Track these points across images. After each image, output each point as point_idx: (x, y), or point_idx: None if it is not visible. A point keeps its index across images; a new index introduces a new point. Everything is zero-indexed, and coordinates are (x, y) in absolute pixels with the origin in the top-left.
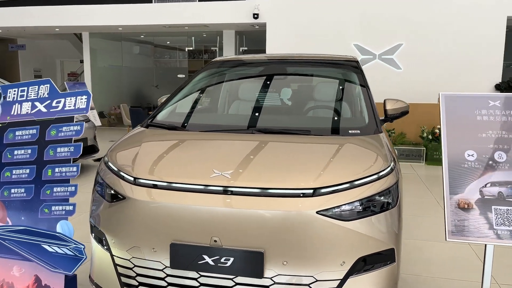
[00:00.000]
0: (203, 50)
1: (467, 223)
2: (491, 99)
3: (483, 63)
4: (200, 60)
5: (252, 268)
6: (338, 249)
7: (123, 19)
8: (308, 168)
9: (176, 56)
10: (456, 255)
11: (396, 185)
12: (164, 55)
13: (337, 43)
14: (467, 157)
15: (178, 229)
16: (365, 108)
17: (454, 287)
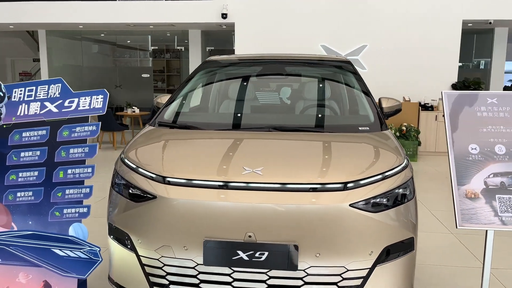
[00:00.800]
0: (167, 49)
1: (474, 211)
2: (489, 96)
3: (441, 64)
4: (163, 59)
5: (286, 261)
6: (367, 240)
7: (84, 17)
8: (336, 163)
9: (140, 55)
10: (444, 243)
11: (412, 179)
12: (127, 55)
13: (305, 43)
14: (471, 151)
15: (211, 226)
16: (369, 107)
17: (454, 273)
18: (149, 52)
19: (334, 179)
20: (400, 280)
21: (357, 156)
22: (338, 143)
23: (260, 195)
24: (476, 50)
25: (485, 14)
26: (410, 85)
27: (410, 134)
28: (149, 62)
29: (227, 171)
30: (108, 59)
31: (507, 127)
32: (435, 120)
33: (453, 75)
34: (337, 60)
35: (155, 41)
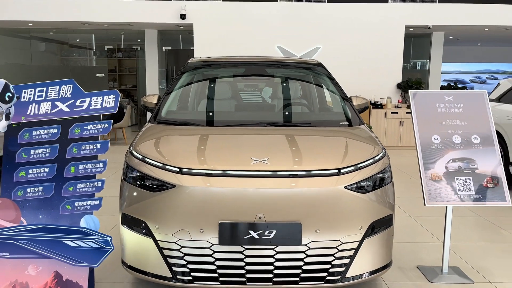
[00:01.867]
0: (119, 48)
1: (438, 191)
2: (446, 95)
3: (387, 65)
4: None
5: (291, 238)
6: (357, 216)
7: (35, 14)
8: (329, 153)
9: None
10: (404, 224)
11: (389, 165)
12: (80, 54)
13: (263, 44)
14: (434, 141)
15: (225, 210)
16: (345, 104)
17: (416, 248)
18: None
19: (330, 165)
20: (383, 250)
21: (345, 146)
22: (326, 136)
23: (268, 181)
24: (414, 52)
25: (425, 20)
26: (361, 85)
27: None
28: (104, 61)
29: (237, 161)
30: (60, 58)
31: (461, 120)
32: (384, 117)
33: (398, 75)
34: (311, 63)
35: (107, 40)
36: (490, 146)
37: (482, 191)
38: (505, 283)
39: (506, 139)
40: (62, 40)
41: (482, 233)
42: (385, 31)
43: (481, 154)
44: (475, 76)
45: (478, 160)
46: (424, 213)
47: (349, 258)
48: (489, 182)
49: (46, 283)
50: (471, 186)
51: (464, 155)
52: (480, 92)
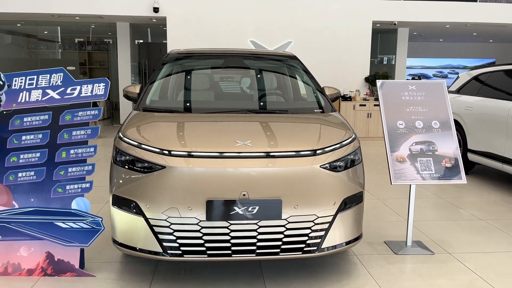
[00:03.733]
0: (89, 41)
1: (403, 171)
2: (409, 84)
3: (356, 60)
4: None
5: (273, 213)
6: (331, 193)
7: (2, 6)
8: (305, 136)
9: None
10: (373, 206)
11: (359, 148)
12: (48, 47)
13: (235, 38)
14: (398, 126)
15: (212, 188)
16: (318, 93)
17: (384, 226)
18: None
19: (306, 147)
20: (354, 224)
21: (319, 130)
22: (302, 121)
23: (251, 162)
24: (381, 47)
25: (391, 16)
26: (331, 78)
27: None
28: (75, 54)
29: (222, 144)
30: (25, 50)
31: (423, 107)
32: (353, 109)
33: (366, 69)
34: (285, 55)
35: (76, 32)
36: (448, 130)
37: (441, 170)
38: (461, 254)
39: (464, 127)
40: (30, 33)
41: (442, 212)
42: (354, 26)
43: (440, 138)
44: (437, 71)
45: (438, 143)
46: (390, 195)
47: (324, 231)
48: (447, 162)
49: (38, 263)
50: (432, 166)
51: (426, 139)
52: (439, 82)
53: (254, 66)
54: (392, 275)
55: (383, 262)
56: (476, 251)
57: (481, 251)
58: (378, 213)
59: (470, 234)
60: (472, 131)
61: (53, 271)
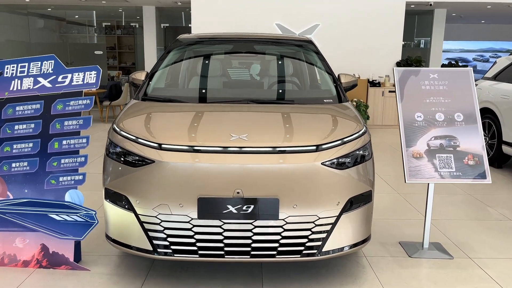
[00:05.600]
0: (118, 26)
1: (419, 168)
2: (431, 72)
3: (387, 43)
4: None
5: (269, 212)
6: (335, 192)
7: None
8: (308, 129)
9: (92, 31)
10: (392, 201)
11: (370, 142)
12: (78, 31)
13: (261, 22)
14: (416, 118)
15: (204, 185)
16: (330, 81)
17: (400, 224)
18: (94, 28)
19: (308, 142)
20: (361, 225)
21: (326, 123)
22: (308, 112)
23: (246, 157)
24: (417, 30)
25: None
26: (360, 63)
27: (359, 109)
28: (103, 38)
29: (216, 138)
30: (58, 35)
31: (445, 98)
32: (382, 96)
33: (397, 54)
34: (301, 40)
35: (106, 17)
36: (473, 124)
37: (463, 168)
38: (484, 259)
39: (500, 118)
40: (61, 17)
41: (467, 210)
42: (385, 8)
43: (463, 132)
44: (478, 55)
45: (460, 138)
46: (412, 190)
47: (326, 233)
48: (470, 160)
49: (34, 255)
50: (452, 163)
51: (447, 133)
52: (465, 70)
53: (264, 51)
54: (402, 281)
55: (394, 265)
56: (501, 257)
57: (507, 257)
58: (397, 209)
59: (496, 237)
60: (509, 121)
61: (48, 263)
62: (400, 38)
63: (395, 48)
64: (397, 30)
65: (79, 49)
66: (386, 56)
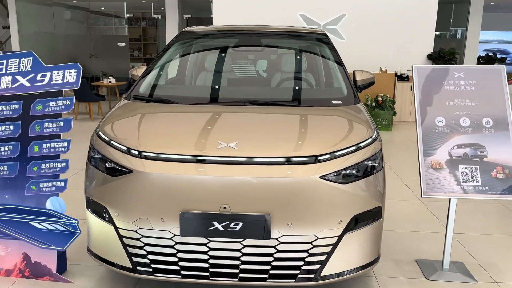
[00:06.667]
0: (144, 17)
1: (438, 181)
2: (456, 70)
3: (417, 34)
4: (139, 27)
5: (260, 231)
6: (336, 210)
7: None
8: (308, 137)
9: (115, 23)
10: (413, 210)
11: (381, 151)
12: (101, 22)
13: (284, 12)
14: (437, 123)
15: (187, 199)
16: (342, 80)
17: (420, 238)
18: (125, 20)
19: (305, 152)
20: (367, 246)
21: (329, 129)
22: (310, 116)
23: (234, 169)
24: (454, 20)
25: None
26: (387, 56)
27: (385, 105)
28: (125, 30)
29: (202, 145)
30: (82, 26)
31: (472, 101)
32: (410, 91)
33: (429, 45)
34: (313, 32)
35: (130, 8)
36: (503, 131)
37: (490, 182)
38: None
39: None
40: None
41: (500, 223)
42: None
43: (492, 140)
44: None
45: (488, 147)
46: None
47: (326, 255)
48: (499, 172)
49: (16, 264)
50: (477, 176)
51: (472, 140)
52: (496, 68)
53: (272, 45)
54: None
55: None
56: None
57: None
58: (417, 219)
59: None
60: None
61: (31, 273)
62: (432, 28)
63: (426, 39)
64: (429, 20)
65: (103, 41)
66: (416, 48)
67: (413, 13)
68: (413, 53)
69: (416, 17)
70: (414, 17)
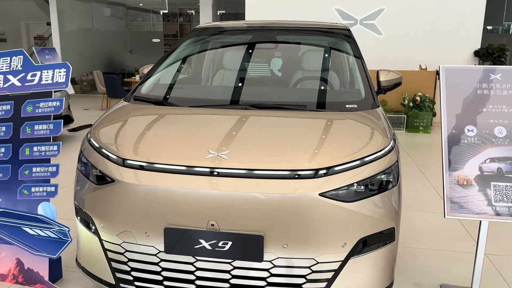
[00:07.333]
0: (178, 13)
1: (465, 200)
2: (492, 72)
3: (463, 30)
4: (175, 23)
5: (251, 252)
6: (339, 231)
7: None
8: (309, 148)
9: (150, 19)
10: (443, 225)
11: (397, 163)
12: (137, 18)
13: (319, 7)
14: (467, 133)
15: (172, 213)
16: (361, 81)
17: (448, 258)
18: (161, 15)
19: (304, 165)
20: (377, 274)
21: (336, 138)
22: (317, 123)
23: (223, 182)
24: (507, 13)
25: None
26: (429, 52)
27: (424, 105)
28: (160, 26)
29: (189, 155)
30: (119, 22)
31: (509, 107)
32: None
33: (476, 41)
34: (335, 28)
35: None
36: None
37: None
38: None
39: None
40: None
41: None
42: None
43: None
44: None
45: None
46: None
47: (326, 282)
48: None
49: (10, 269)
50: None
51: (508, 154)
52: None
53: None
54: None
55: None
56: None
57: None
58: (449, 237)
59: None
60: None
61: (24, 280)
62: (480, 23)
63: (473, 34)
64: (477, 13)
65: (138, 37)
66: (461, 44)
67: (459, 5)
68: (458, 49)
69: (462, 10)
70: (460, 10)
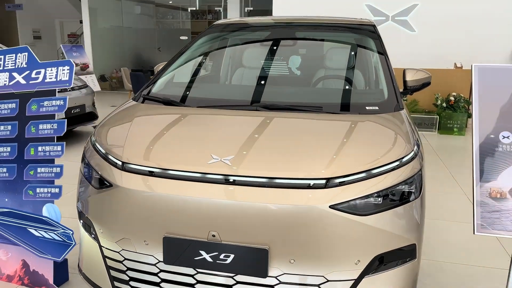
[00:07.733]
0: (207, 10)
1: (498, 215)
2: None
3: (503, 25)
4: (203, 20)
5: (255, 266)
6: (352, 247)
7: None
8: (321, 154)
9: (179, 16)
10: (476, 237)
11: (420, 173)
12: (166, 16)
13: (348, 3)
14: (502, 139)
15: (171, 221)
16: (384, 80)
17: (479, 274)
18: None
19: (313, 173)
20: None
21: (351, 144)
22: (332, 126)
23: (225, 189)
24: None
25: None
26: (465, 50)
27: (458, 105)
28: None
29: (191, 159)
30: (148, 20)
31: None
32: None
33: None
34: (359, 23)
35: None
36: None
37: None
38: None
39: None
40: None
41: None
42: None
43: None
44: None
45: None
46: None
47: None
48: None
49: (16, 270)
50: None
51: None
52: None
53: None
54: None
55: None
56: None
57: None
58: (481, 251)
59: None
60: None
61: (29, 282)
62: None
63: None
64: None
65: (166, 35)
66: (501, 41)
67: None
68: (496, 47)
69: (502, 5)
70: (500, 5)
